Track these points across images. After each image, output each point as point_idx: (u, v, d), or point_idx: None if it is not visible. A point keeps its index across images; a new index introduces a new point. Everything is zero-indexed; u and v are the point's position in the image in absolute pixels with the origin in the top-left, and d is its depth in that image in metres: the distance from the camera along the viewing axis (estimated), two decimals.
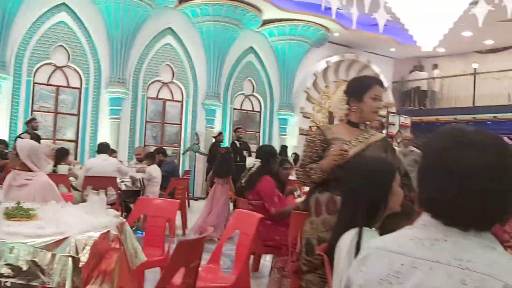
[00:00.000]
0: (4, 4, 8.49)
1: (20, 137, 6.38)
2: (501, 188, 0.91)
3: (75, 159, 9.58)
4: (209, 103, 11.21)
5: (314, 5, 10.30)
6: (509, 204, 0.93)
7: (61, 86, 9.72)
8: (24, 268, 1.89)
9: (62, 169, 6.45)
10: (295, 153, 10.69)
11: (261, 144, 11.87)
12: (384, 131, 12.17)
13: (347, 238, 1.64)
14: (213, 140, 9.65)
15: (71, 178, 6.27)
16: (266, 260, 4.75)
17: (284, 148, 10.97)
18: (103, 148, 6.30)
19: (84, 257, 2.06)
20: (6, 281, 1.92)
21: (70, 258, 2.01)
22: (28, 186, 2.87)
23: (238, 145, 9.51)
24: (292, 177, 4.25)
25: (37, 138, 7.75)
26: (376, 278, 0.97)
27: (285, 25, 11.71)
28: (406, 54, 14.16)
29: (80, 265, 2.04)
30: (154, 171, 6.34)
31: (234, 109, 12.09)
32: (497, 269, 0.86)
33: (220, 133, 9.66)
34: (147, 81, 10.64)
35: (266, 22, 11.65)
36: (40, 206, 2.58)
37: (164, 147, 8.83)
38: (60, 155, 6.63)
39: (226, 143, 10.67)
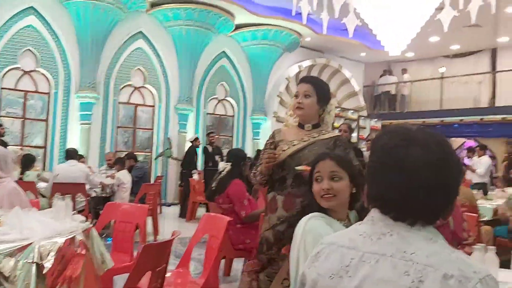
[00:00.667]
0: None
1: None
2: (443, 182, 0.97)
3: (44, 165, 9.40)
4: (181, 107, 11.16)
5: (285, 10, 10.40)
6: (451, 199, 0.99)
7: (29, 91, 9.52)
8: None
9: (30, 175, 6.34)
10: None
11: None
12: (354, 135, 12.38)
13: (300, 225, 1.74)
14: (189, 144, 9.59)
15: (40, 185, 6.15)
16: (240, 265, 4.76)
17: (259, 152, 11.00)
18: (71, 154, 6.21)
19: (48, 264, 2.05)
20: None
21: (34, 265, 1.99)
22: None
23: (210, 150, 9.49)
24: None
25: (3, 145, 7.56)
26: (328, 272, 1.01)
27: (258, 30, 11.77)
28: (376, 58, 14.43)
29: (44, 272, 2.02)
30: (124, 176, 6.29)
31: (207, 113, 12.07)
32: (437, 260, 0.91)
33: (197, 138, 9.61)
34: (119, 86, 10.52)
35: (238, 27, 11.70)
36: (3, 212, 2.54)
37: (135, 153, 8.74)
38: (27, 162, 6.51)
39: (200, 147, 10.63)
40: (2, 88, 9.15)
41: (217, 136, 10.68)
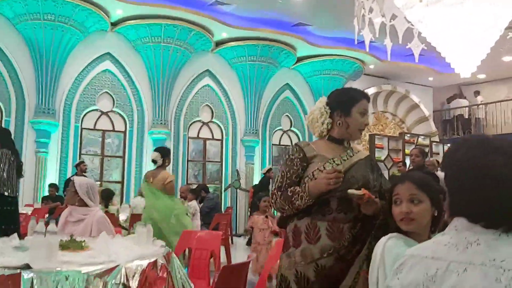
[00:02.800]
0: (53, 56, 9.10)
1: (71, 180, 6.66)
2: None
3: (121, 199, 9.87)
4: (248, 140, 11.39)
5: (347, 39, 10.44)
6: None
7: (106, 130, 10.17)
8: None
9: (111, 209, 6.70)
10: None
11: None
12: (428, 159, 11.91)
13: (379, 245, 1.69)
14: (262, 176, 9.70)
15: (120, 217, 6.47)
16: None
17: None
18: None
19: (134, 285, 2.14)
20: None
21: (121, 286, 2.09)
22: (84, 221, 3.04)
23: None
24: None
25: None
26: (412, 283, 1.01)
27: (319, 60, 11.86)
28: (445, 82, 13.98)
29: None
30: (195, 205, 6.49)
31: (273, 144, 12.20)
32: None
33: (270, 169, 9.70)
34: (188, 122, 10.97)
35: (300, 59, 11.86)
36: (91, 239, 2.71)
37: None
38: (107, 196, 6.89)
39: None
40: (82, 128, 9.85)
41: None
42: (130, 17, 9.60)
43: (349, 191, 1.94)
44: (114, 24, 9.86)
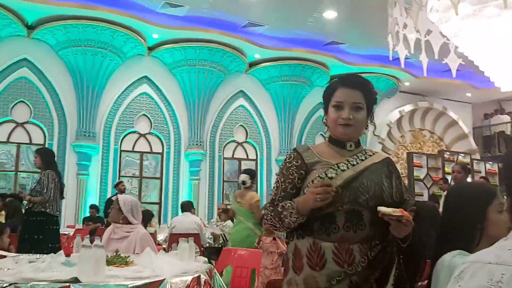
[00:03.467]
0: (93, 81, 9.45)
1: (112, 200, 6.82)
2: None
3: (159, 220, 9.99)
4: (282, 159, 11.31)
5: (381, 56, 10.38)
6: None
7: (144, 152, 10.39)
8: None
9: (150, 230, 6.79)
10: None
11: None
12: (469, 179, 11.54)
13: (444, 262, 1.61)
14: None
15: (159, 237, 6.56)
16: None
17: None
18: (186, 206, 6.57)
19: None
20: None
21: None
22: (128, 238, 3.10)
23: None
24: None
25: None
26: None
27: None
28: (484, 98, 13.63)
29: None
30: (226, 225, 6.55)
31: None
32: None
33: None
34: (223, 142, 11.09)
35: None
36: (135, 255, 2.76)
37: None
38: (146, 217, 6.99)
39: None
40: (121, 151, 10.10)
41: None
42: (165, 41, 9.87)
43: (381, 209, 1.56)
44: (150, 49, 10.16)
